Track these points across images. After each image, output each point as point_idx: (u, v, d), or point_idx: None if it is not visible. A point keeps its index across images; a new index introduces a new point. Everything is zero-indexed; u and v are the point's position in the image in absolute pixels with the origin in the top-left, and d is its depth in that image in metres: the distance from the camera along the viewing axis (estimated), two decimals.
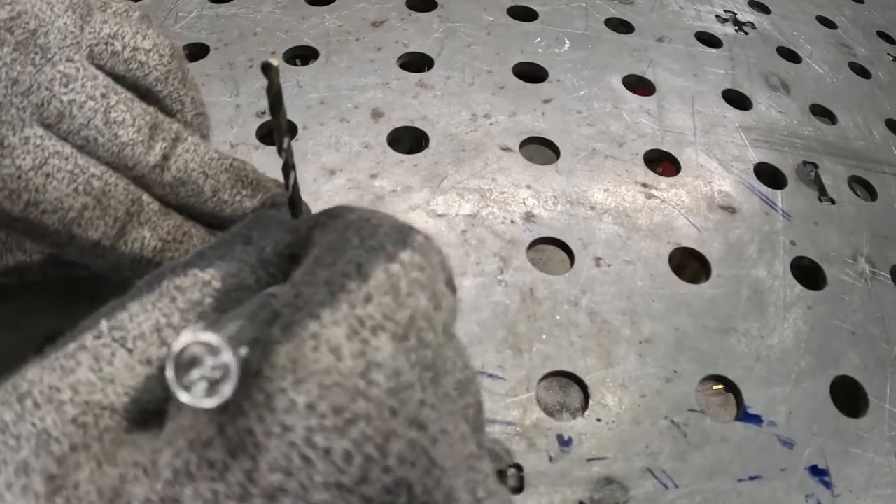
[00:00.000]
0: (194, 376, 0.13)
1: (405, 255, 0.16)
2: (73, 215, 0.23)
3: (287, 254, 0.20)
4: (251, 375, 0.14)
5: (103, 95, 0.24)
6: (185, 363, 0.13)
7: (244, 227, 0.20)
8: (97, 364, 0.16)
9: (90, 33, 0.25)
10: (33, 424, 0.15)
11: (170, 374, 0.13)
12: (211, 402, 0.13)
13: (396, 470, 0.14)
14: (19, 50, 0.23)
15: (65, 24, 0.25)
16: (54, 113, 0.23)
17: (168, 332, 0.17)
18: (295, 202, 0.28)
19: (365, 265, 0.16)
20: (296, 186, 0.27)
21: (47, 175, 0.23)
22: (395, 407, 0.14)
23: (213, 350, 0.13)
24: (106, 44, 0.26)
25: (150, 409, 0.16)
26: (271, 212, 0.22)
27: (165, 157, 0.25)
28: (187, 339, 0.13)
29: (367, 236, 0.17)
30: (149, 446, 0.15)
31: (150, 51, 0.26)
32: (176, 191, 0.25)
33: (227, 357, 0.13)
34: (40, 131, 0.23)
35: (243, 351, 0.14)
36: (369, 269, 0.16)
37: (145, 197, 0.25)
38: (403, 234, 0.17)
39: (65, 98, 0.23)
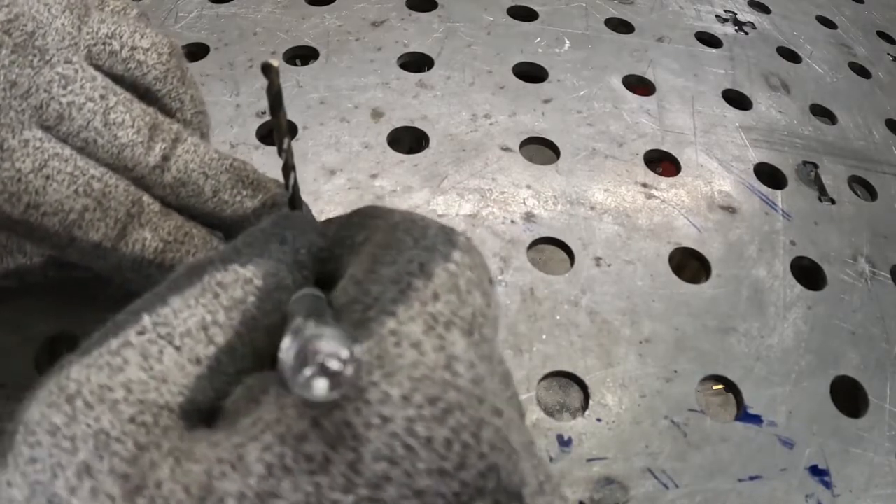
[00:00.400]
0: (307, 372, 0.13)
1: (457, 255, 0.17)
2: (73, 217, 0.23)
3: (319, 256, 0.20)
4: None
5: (102, 97, 0.24)
6: (303, 358, 0.13)
7: (276, 225, 0.20)
8: (146, 362, 0.16)
9: (88, 34, 0.25)
10: (88, 425, 0.15)
11: (286, 368, 0.13)
12: (330, 396, 0.13)
13: (489, 455, 0.14)
14: (17, 52, 0.23)
15: (62, 24, 0.24)
16: (53, 115, 0.23)
17: (214, 329, 0.17)
18: (295, 203, 0.28)
19: (427, 264, 0.16)
20: (296, 187, 0.27)
21: (47, 177, 0.23)
22: (480, 396, 0.15)
23: (329, 345, 0.13)
24: (104, 44, 0.25)
25: (205, 409, 0.16)
26: (298, 212, 0.22)
27: (165, 158, 0.25)
28: (309, 331, 0.14)
29: (419, 237, 0.17)
30: (227, 442, 0.14)
31: (148, 50, 0.26)
32: (176, 191, 0.25)
33: (346, 354, 0.13)
34: (40, 133, 0.23)
35: (357, 348, 0.14)
36: (431, 267, 0.16)
37: (146, 198, 0.25)
38: (449, 235, 0.18)
39: (64, 100, 0.23)
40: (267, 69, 0.22)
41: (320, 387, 0.13)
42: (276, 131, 0.25)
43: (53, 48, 0.24)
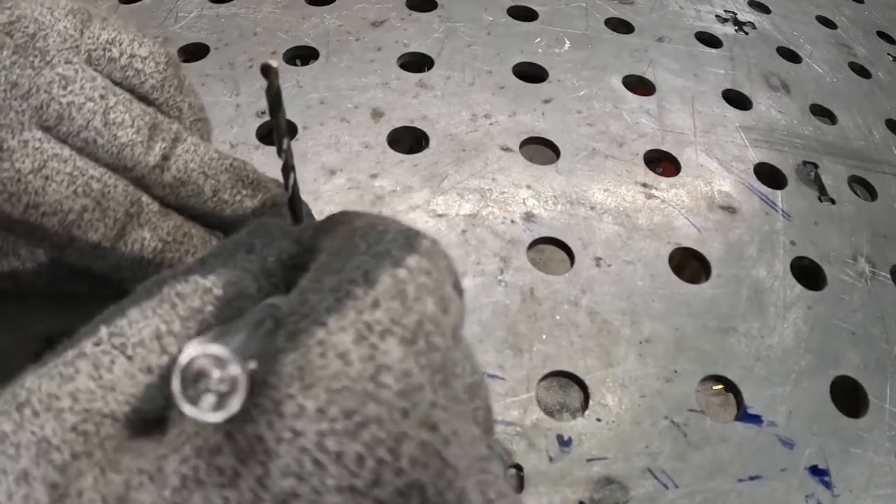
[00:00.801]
0: (200, 389, 0.13)
1: (412, 260, 0.16)
2: (72, 217, 0.23)
3: (290, 263, 0.20)
4: (258, 384, 0.14)
5: (102, 97, 0.24)
6: (192, 376, 0.13)
7: (247, 234, 0.20)
8: (97, 371, 0.16)
9: (89, 38, 0.25)
10: (33, 433, 0.15)
11: (175, 386, 0.13)
12: (218, 416, 0.13)
13: (409, 472, 0.14)
14: (18, 53, 0.23)
15: (64, 27, 0.25)
16: (53, 115, 0.23)
17: (168, 339, 0.17)
18: (295, 203, 0.28)
19: (372, 271, 0.16)
20: (295, 187, 0.27)
21: (46, 178, 0.23)
22: (406, 408, 0.14)
23: (220, 363, 0.13)
24: (104, 49, 0.26)
25: (151, 418, 0.16)
26: (275, 220, 0.21)
27: (165, 158, 0.25)
28: (194, 351, 0.13)
29: (373, 242, 0.17)
30: (153, 453, 0.14)
31: (146, 58, 0.26)
32: (176, 191, 0.25)
33: (235, 370, 0.13)
34: (39, 134, 0.23)
35: (252, 364, 0.14)
36: (376, 274, 0.16)
37: (145, 198, 0.25)
38: (410, 239, 0.17)
39: (63, 100, 0.23)
40: (266, 70, 0.22)
41: (205, 406, 0.13)
42: (276, 132, 0.25)
43: (54, 49, 0.24)
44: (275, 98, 0.23)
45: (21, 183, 0.23)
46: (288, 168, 0.26)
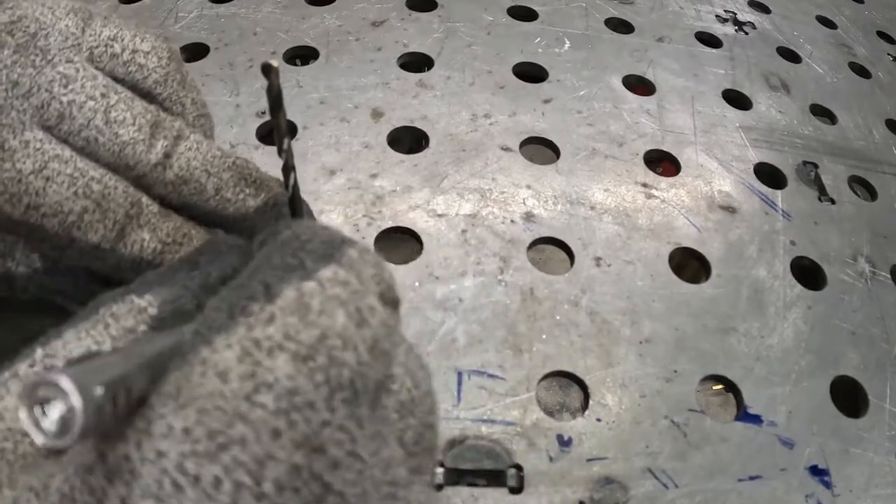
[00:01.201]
0: (53, 414, 0.13)
1: (327, 272, 0.16)
2: (73, 219, 0.23)
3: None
4: (139, 404, 0.14)
5: (103, 95, 0.24)
6: (39, 402, 0.13)
7: (195, 251, 0.20)
8: None
9: (91, 35, 0.25)
10: None
11: (23, 414, 0.13)
12: (61, 443, 0.13)
13: (273, 496, 0.13)
14: (20, 52, 0.23)
15: (66, 26, 0.25)
16: (54, 114, 0.23)
17: None
18: (295, 202, 0.28)
19: (275, 285, 0.15)
20: (296, 187, 0.27)
21: (47, 179, 0.23)
22: (279, 429, 0.14)
23: (59, 390, 0.12)
24: (106, 46, 0.26)
25: None
26: (228, 236, 0.21)
27: (167, 156, 0.25)
28: (36, 378, 0.13)
29: (289, 253, 0.16)
30: (47, 470, 0.14)
31: (148, 53, 0.26)
32: (178, 189, 0.25)
33: (75, 400, 0.12)
34: (40, 134, 0.23)
35: (99, 390, 0.13)
36: (279, 288, 0.15)
37: (144, 199, 0.25)
38: (332, 249, 0.16)
39: (64, 99, 0.23)
40: (267, 70, 0.22)
41: (47, 429, 0.13)
42: (276, 131, 0.25)
43: (55, 48, 0.24)
44: (275, 98, 0.23)
45: (22, 184, 0.23)
46: (288, 168, 0.26)
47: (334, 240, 0.17)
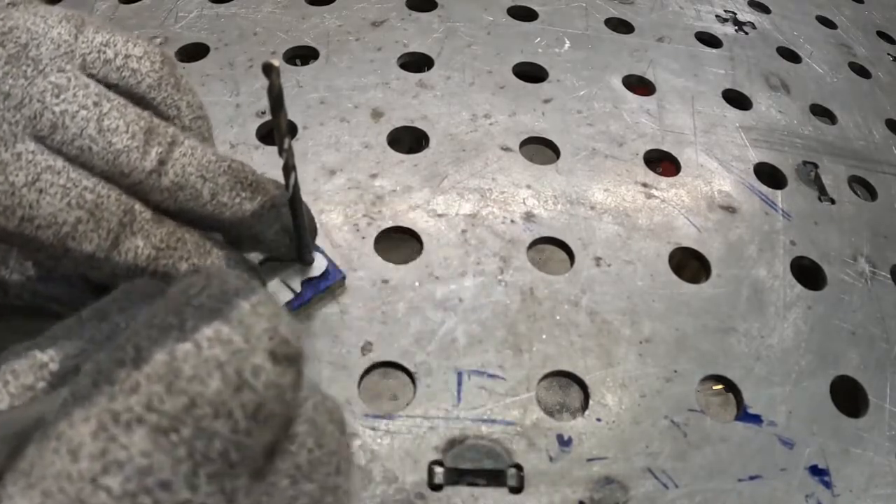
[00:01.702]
0: None
1: (208, 331, 0.14)
2: (67, 230, 0.23)
3: None
4: None
5: (95, 104, 0.24)
6: None
7: (107, 300, 0.19)
8: None
9: (83, 42, 0.25)
10: None
11: None
12: None
13: None
14: (11, 63, 0.23)
15: (58, 34, 0.25)
16: (47, 125, 0.23)
17: None
18: (296, 203, 0.28)
19: (146, 348, 0.14)
20: (296, 187, 0.27)
21: (40, 191, 0.23)
22: None
23: None
24: (98, 52, 0.26)
25: None
26: (143, 280, 0.20)
27: (162, 163, 0.25)
28: None
29: (171, 311, 0.15)
30: None
31: (141, 58, 0.26)
32: (174, 195, 0.25)
33: None
34: (32, 146, 0.23)
35: None
36: (149, 352, 0.14)
37: (137, 206, 0.25)
38: (221, 303, 0.15)
39: (57, 109, 0.23)
40: (268, 69, 0.22)
41: None
42: (277, 131, 0.25)
43: (47, 58, 0.24)
44: (276, 98, 0.23)
45: (15, 196, 0.23)
46: (289, 168, 0.26)
47: (227, 292, 0.15)
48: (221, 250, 0.27)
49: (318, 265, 0.31)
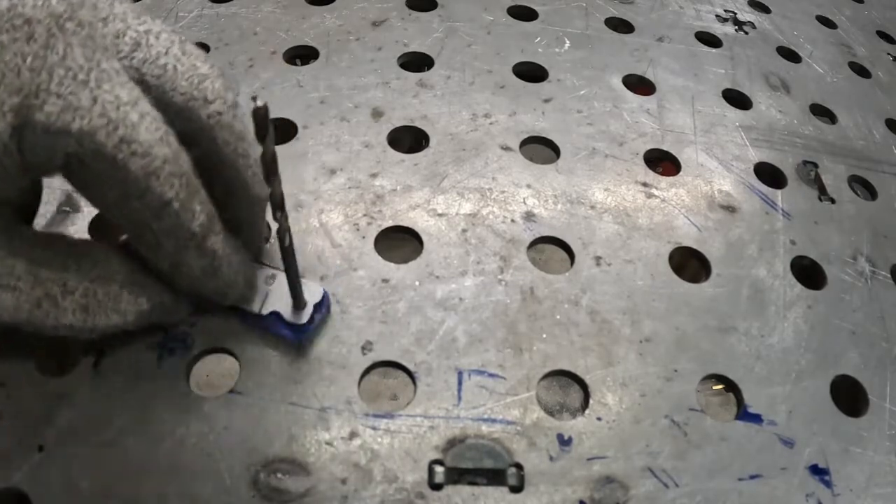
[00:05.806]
0: None
1: None
2: (156, 164, 0.22)
3: None
4: None
5: (173, 31, 0.24)
6: None
7: None
8: None
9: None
10: None
11: None
12: None
13: None
14: None
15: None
16: (130, 42, 0.22)
17: None
18: (289, 258, 0.27)
19: None
20: (291, 246, 0.26)
21: (141, 114, 0.22)
22: None
23: None
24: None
25: None
26: None
27: (236, 105, 0.25)
28: None
29: None
30: None
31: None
32: (240, 145, 0.26)
33: None
34: (118, 65, 0.22)
35: None
36: None
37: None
38: None
39: (141, 28, 0.23)
40: (261, 128, 0.21)
41: None
42: (272, 200, 0.24)
43: None
44: (270, 163, 0.22)
45: (120, 111, 0.21)
46: (287, 253, 0.25)
47: None
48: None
49: (314, 293, 0.31)
